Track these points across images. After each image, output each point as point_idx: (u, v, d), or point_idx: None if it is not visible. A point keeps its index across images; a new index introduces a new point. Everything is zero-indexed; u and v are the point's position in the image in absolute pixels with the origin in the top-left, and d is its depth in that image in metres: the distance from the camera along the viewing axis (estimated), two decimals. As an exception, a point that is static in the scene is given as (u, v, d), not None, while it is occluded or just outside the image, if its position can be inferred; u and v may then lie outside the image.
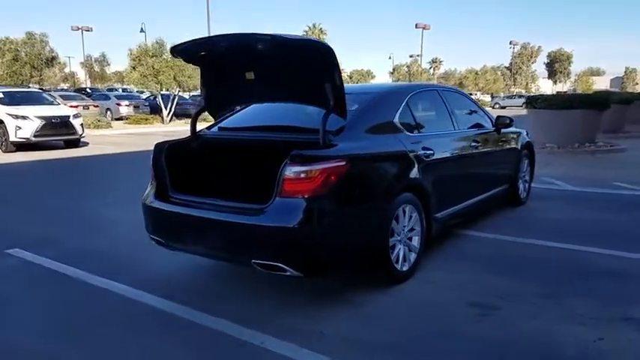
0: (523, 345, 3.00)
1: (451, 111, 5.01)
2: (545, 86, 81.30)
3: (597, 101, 11.94)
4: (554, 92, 59.78)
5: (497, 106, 53.15)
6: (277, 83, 3.86)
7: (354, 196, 3.48)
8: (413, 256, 4.04)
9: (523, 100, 55.12)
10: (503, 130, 5.78)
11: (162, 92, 25.69)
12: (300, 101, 3.88)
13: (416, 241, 4.07)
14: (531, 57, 79.72)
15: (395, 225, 3.79)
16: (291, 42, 3.41)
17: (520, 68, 78.96)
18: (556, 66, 79.49)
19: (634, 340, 3.02)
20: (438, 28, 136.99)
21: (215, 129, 4.48)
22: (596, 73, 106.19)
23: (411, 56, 63.75)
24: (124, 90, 43.31)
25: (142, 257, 4.70)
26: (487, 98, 59.69)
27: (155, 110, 27.86)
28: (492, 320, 3.32)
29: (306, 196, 3.20)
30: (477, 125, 5.50)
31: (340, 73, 3.49)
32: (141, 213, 4.02)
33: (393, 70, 56.26)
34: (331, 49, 3.40)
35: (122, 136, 19.81)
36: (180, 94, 27.61)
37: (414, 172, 4.00)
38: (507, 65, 79.36)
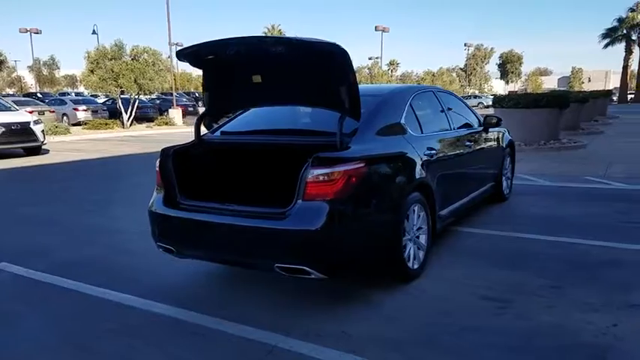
0: (547, 335, 3.10)
1: (447, 111, 5.13)
2: (498, 86, 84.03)
3: (561, 100, 12.46)
4: (507, 92, 61.77)
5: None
6: (290, 86, 3.83)
7: (372, 197, 3.51)
8: (422, 254, 4.10)
9: (478, 100, 57.35)
10: (490, 129, 5.96)
11: (121, 96, 25.00)
12: (313, 104, 3.88)
13: (424, 239, 4.14)
14: (485, 58, 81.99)
15: (406, 224, 3.84)
16: (306, 44, 3.40)
17: (474, 69, 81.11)
18: (508, 66, 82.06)
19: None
20: (396, 31, 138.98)
21: (217, 133, 4.41)
22: (544, 73, 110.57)
23: (370, 58, 64.38)
24: (77, 94, 41.84)
25: (140, 266, 4.58)
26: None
27: (114, 114, 27.04)
28: (511, 313, 3.41)
29: (328, 199, 3.20)
30: (468, 125, 5.63)
31: (355, 75, 3.51)
32: (125, 220, 3.93)
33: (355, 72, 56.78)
34: (346, 52, 3.41)
35: (83, 142, 19.12)
36: (141, 97, 26.93)
37: (422, 172, 4.07)
38: (462, 67, 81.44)
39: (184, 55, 3.77)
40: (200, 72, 4.10)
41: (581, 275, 4.04)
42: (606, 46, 52.01)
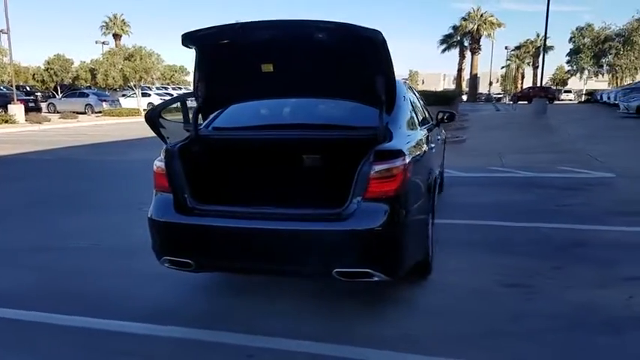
0: (585, 312, 3.32)
1: (422, 105, 5.23)
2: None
3: (449, 97, 13.59)
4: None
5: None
6: (311, 77, 3.53)
7: (416, 191, 3.42)
8: (431, 247, 4.13)
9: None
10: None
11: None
12: (340, 97, 3.64)
13: (430, 231, 4.17)
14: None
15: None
16: (348, 29, 3.14)
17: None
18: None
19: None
20: None
21: (209, 129, 3.93)
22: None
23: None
24: None
25: (125, 287, 3.92)
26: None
27: None
28: (539, 297, 3.59)
29: (390, 195, 3.03)
30: (428, 119, 5.81)
31: (393, 65, 3.36)
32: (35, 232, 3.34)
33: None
34: (384, 39, 3.23)
35: None
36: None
37: (431, 165, 4.09)
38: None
39: (195, 38, 3.27)
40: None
41: (568, 254, 4.41)
42: (443, 51, 57.72)
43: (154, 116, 5.55)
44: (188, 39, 3.30)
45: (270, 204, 3.30)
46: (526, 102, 40.28)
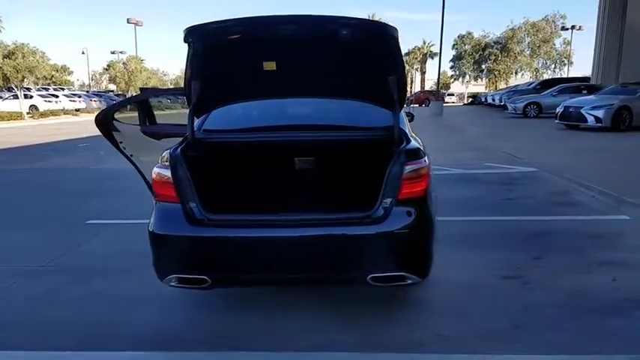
0: (582, 298, 3.56)
1: None
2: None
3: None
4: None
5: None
6: (322, 75, 3.39)
7: (432, 191, 3.42)
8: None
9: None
10: None
11: None
12: (353, 96, 3.53)
13: None
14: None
15: None
16: (362, 24, 3.06)
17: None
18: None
19: (632, 276, 3.94)
20: (150, 24, 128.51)
21: (201, 132, 3.62)
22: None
23: (112, 52, 59.49)
24: None
25: (107, 313, 3.50)
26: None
27: None
28: (536, 286, 3.79)
29: (419, 196, 3.01)
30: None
31: (404, 63, 3.34)
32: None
33: (109, 66, 51.74)
34: (397, 35, 3.16)
35: None
36: None
37: None
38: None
39: (206, 31, 3.00)
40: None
41: (543, 245, 4.70)
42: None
43: (106, 118, 5.06)
44: (195, 33, 3.01)
45: (285, 210, 3.12)
46: (417, 105, 42.58)
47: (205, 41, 3.11)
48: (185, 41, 3.06)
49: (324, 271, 3.01)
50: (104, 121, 5.00)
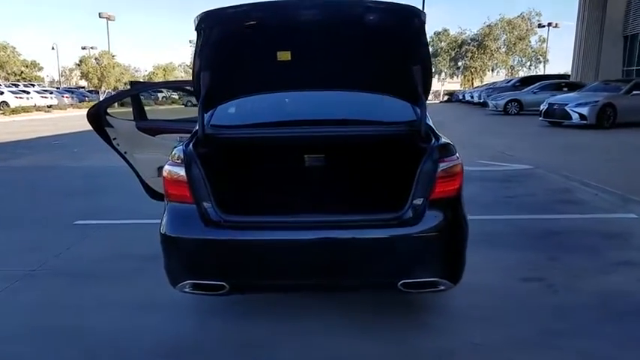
0: (611, 300, 3.43)
1: None
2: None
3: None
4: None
5: (189, 103, 53.78)
6: (344, 64, 3.17)
7: None
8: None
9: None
10: None
11: None
12: (373, 88, 3.32)
13: None
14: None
15: None
16: (388, 7, 2.84)
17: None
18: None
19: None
20: (123, 19, 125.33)
21: (209, 127, 3.36)
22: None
23: (83, 48, 58.01)
24: None
25: (120, 321, 3.22)
26: (175, 95, 59.79)
27: None
28: (560, 289, 3.65)
29: (453, 195, 2.83)
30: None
31: (429, 51, 3.13)
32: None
33: (80, 62, 50.29)
34: (424, 18, 2.88)
35: None
36: None
37: None
38: (188, 64, 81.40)
39: (223, 17, 2.76)
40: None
41: (557, 244, 4.57)
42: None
43: (98, 113, 4.74)
44: (210, 19, 2.76)
45: (305, 211, 2.91)
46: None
47: (219, 28, 2.87)
48: (197, 29, 2.81)
49: (352, 276, 2.80)
50: (96, 116, 4.69)
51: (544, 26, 51.68)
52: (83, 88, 51.04)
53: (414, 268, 2.75)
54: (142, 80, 64.37)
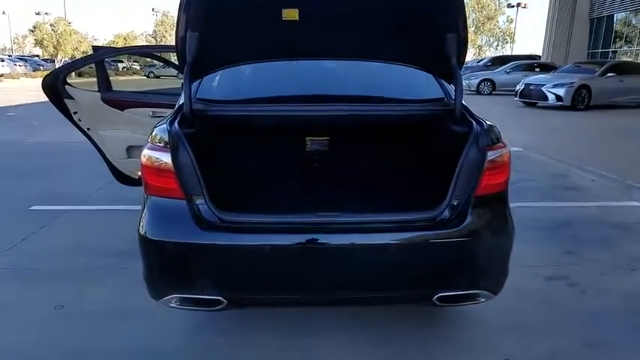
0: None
1: None
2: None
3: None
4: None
5: (151, 75, 51.65)
6: (362, 29, 2.62)
7: None
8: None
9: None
10: None
11: None
12: (398, 58, 2.79)
13: None
14: (172, 27, 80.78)
15: None
16: None
17: (164, 37, 79.01)
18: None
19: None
20: None
21: (197, 103, 2.77)
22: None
23: (37, 14, 54.56)
24: None
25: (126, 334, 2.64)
26: (136, 66, 57.48)
27: None
28: (587, 289, 3.31)
29: (500, 190, 2.37)
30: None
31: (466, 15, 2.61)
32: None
33: (34, 28, 47.19)
34: None
35: None
36: None
37: None
38: (151, 33, 78.30)
39: None
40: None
41: (567, 237, 4.22)
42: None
43: (55, 83, 4.07)
44: None
45: (317, 209, 2.38)
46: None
47: None
48: None
49: (380, 289, 2.31)
50: (53, 87, 4.01)
51: (513, 6, 51.83)
52: (37, 56, 48.15)
53: (454, 278, 2.29)
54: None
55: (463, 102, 2.68)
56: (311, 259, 2.20)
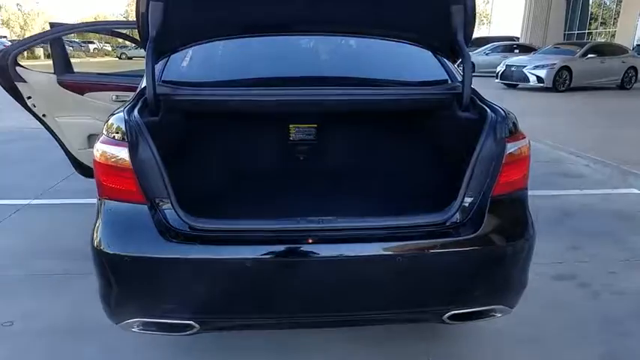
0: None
1: None
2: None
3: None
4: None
5: (124, 56, 50.14)
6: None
7: None
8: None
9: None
10: None
11: None
12: (396, 34, 2.42)
13: None
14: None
15: None
16: None
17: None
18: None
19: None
20: None
21: (161, 86, 2.34)
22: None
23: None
24: None
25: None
26: (108, 47, 55.73)
27: None
28: (598, 290, 3.05)
29: (519, 188, 2.03)
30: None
31: None
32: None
33: (0, 7, 45.23)
34: None
35: None
36: None
37: None
38: (123, 13, 76.05)
39: None
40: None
41: (568, 230, 3.96)
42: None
43: (4, 64, 3.60)
44: None
45: (305, 213, 1.99)
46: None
47: None
48: None
49: (381, 309, 1.95)
50: (2, 68, 3.54)
51: (489, -13, 51.71)
52: (5, 37, 46.16)
53: (469, 293, 1.95)
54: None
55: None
56: (299, 274, 1.84)
